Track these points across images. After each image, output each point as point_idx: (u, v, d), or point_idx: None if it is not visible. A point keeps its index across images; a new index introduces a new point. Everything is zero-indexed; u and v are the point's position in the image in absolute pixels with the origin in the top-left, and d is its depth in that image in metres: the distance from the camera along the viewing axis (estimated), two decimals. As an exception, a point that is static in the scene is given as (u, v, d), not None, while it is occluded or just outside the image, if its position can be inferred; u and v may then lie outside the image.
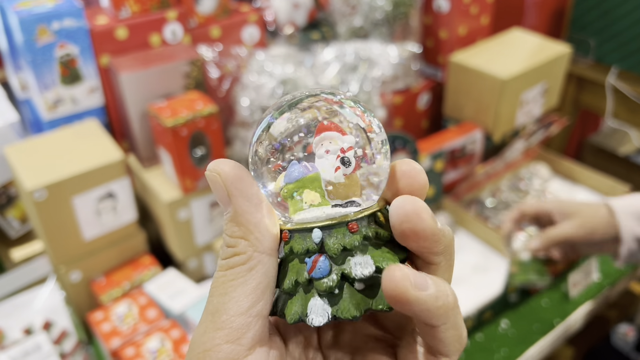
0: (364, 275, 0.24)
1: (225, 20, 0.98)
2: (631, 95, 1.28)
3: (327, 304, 0.24)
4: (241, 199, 0.24)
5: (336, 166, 0.24)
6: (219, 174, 0.24)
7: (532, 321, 0.94)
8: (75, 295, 0.88)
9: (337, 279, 0.24)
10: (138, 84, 0.86)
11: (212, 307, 0.24)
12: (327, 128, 0.25)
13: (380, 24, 1.09)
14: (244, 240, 0.24)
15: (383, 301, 0.24)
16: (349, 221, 0.24)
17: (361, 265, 0.24)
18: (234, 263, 0.24)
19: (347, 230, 0.24)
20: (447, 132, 1.08)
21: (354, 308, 0.24)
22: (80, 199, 0.81)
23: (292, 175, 0.25)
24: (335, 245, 0.24)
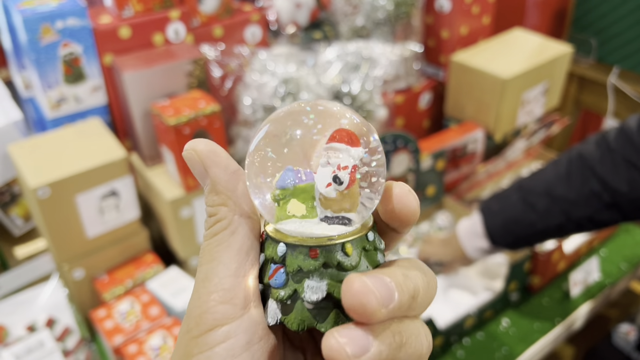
0: (311, 300, 0.25)
1: (228, 19, 0.99)
2: (632, 95, 1.28)
3: (278, 309, 0.25)
4: (216, 168, 0.26)
5: (328, 182, 0.24)
6: (195, 150, 0.26)
7: (533, 320, 0.94)
8: (78, 293, 0.88)
9: (289, 293, 0.25)
10: (141, 82, 0.86)
11: (203, 274, 0.25)
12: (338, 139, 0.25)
13: (382, 24, 1.10)
14: (224, 207, 0.26)
15: (328, 326, 0.25)
16: (310, 247, 0.25)
17: (312, 290, 0.25)
18: (216, 230, 0.26)
19: (307, 255, 0.25)
20: (449, 132, 1.08)
21: (297, 323, 0.25)
22: (84, 197, 0.81)
23: (284, 182, 0.25)
24: (292, 264, 0.25)
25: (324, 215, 0.25)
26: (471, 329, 0.92)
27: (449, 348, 0.90)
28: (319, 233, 0.25)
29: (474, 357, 0.88)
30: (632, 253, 1.08)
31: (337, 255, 0.25)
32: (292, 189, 0.25)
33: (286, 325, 0.25)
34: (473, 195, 1.12)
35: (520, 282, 0.96)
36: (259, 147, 0.26)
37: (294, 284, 0.25)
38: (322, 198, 0.25)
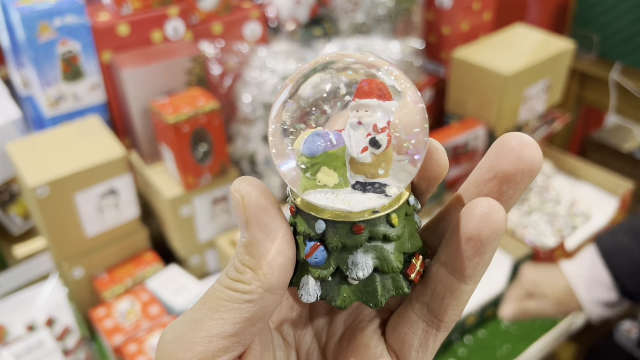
0: (358, 277, 0.23)
1: (227, 16, 0.98)
2: (635, 91, 1.28)
3: (317, 286, 0.24)
4: (259, 230, 0.23)
5: (364, 146, 0.22)
6: (243, 197, 0.23)
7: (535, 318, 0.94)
8: (78, 292, 0.88)
9: (332, 271, 0.23)
10: (140, 80, 0.86)
11: (198, 315, 0.23)
12: (367, 93, 0.22)
13: (382, 20, 1.09)
14: (252, 272, 0.23)
15: (375, 299, 0.23)
16: (354, 222, 0.23)
17: (358, 267, 0.23)
18: (235, 288, 0.23)
19: (351, 230, 0.23)
20: (450, 128, 1.07)
21: (341, 300, 0.23)
22: (83, 195, 0.81)
23: (312, 148, 0.22)
24: (335, 241, 0.23)
25: (355, 181, 0.23)
26: (473, 327, 0.92)
27: (451, 346, 0.89)
28: (359, 207, 0.23)
29: (476, 355, 0.88)
30: (634, 250, 1.07)
31: (382, 228, 0.23)
32: (322, 156, 0.22)
33: (328, 302, 0.24)
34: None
35: (522, 280, 0.95)
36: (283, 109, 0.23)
37: (337, 261, 0.23)
38: (355, 163, 0.23)
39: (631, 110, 1.33)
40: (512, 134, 0.23)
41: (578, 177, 1.19)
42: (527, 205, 1.08)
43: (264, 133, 0.91)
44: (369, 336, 0.26)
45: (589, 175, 1.17)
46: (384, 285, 0.24)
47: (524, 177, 0.23)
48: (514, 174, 0.22)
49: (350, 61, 0.23)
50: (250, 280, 0.23)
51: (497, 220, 0.22)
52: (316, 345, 0.28)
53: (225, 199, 0.91)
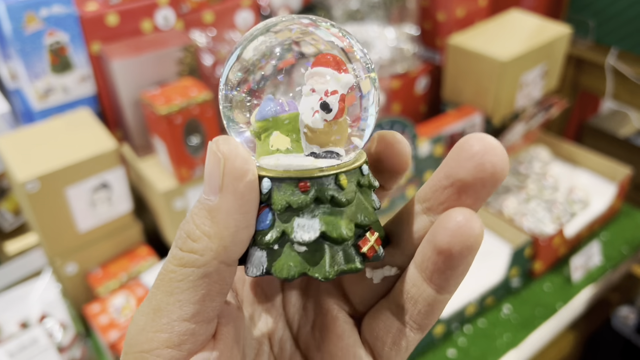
0: (303, 240, 0.22)
1: (218, 4, 0.96)
2: (631, 76, 1.27)
3: (265, 257, 0.22)
4: (234, 199, 0.21)
5: (315, 110, 0.22)
6: (226, 159, 0.20)
7: (535, 306, 0.93)
8: (72, 288, 0.86)
9: (277, 235, 0.22)
10: (130, 71, 0.84)
11: (155, 303, 0.22)
12: (323, 62, 0.22)
13: (376, 7, 1.07)
14: (208, 240, 0.21)
15: (322, 270, 0.22)
16: (299, 178, 0.22)
17: (304, 229, 0.22)
18: (187, 261, 0.21)
19: (296, 188, 0.22)
20: (446, 116, 1.06)
21: (286, 269, 0.22)
22: (74, 190, 0.79)
23: (263, 112, 0.22)
24: (279, 200, 0.22)
25: (310, 151, 0.22)
26: (472, 316, 0.91)
27: (450, 336, 0.88)
28: (308, 165, 0.22)
29: (476, 345, 0.87)
30: (633, 236, 1.07)
31: (330, 189, 0.22)
32: (274, 120, 0.22)
33: (274, 274, 0.22)
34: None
35: (522, 268, 0.95)
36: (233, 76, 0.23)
37: (282, 224, 0.22)
38: (308, 131, 0.22)
39: (628, 96, 1.32)
40: (474, 137, 0.21)
41: (576, 163, 1.18)
42: (525, 193, 1.07)
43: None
44: (342, 327, 0.26)
45: (586, 161, 1.16)
46: (333, 257, 0.22)
47: (485, 187, 0.21)
48: (474, 183, 0.21)
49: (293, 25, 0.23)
50: (205, 251, 0.21)
51: (470, 235, 0.20)
52: (289, 333, 0.28)
53: (220, 191, 0.89)
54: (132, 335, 0.22)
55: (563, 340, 0.99)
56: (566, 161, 1.20)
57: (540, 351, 0.93)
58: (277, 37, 0.23)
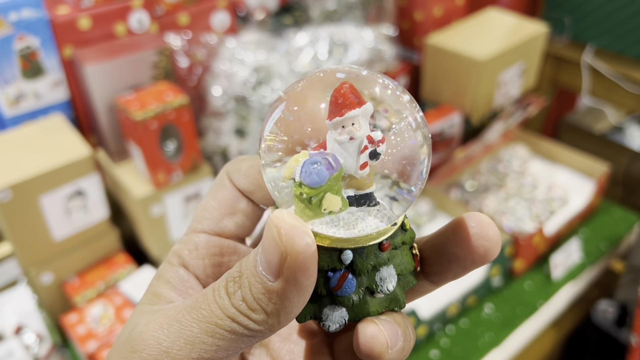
0: (389, 290, 0.23)
1: (194, 6, 0.94)
2: (607, 73, 1.28)
3: (345, 312, 0.23)
4: (293, 288, 0.20)
5: (363, 161, 0.21)
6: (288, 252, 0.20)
7: (516, 304, 0.94)
8: (48, 298, 0.84)
9: (362, 294, 0.23)
10: (104, 76, 0.82)
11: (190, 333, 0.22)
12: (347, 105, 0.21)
13: (354, 7, 1.07)
14: (265, 316, 0.21)
15: (400, 302, 0.24)
16: (382, 242, 0.23)
17: (386, 281, 0.23)
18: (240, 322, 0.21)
19: (379, 251, 0.23)
20: (425, 116, 1.05)
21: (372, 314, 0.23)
22: (48, 198, 0.77)
23: (318, 177, 0.20)
24: (365, 266, 0.23)
25: (346, 196, 0.22)
26: (455, 317, 0.91)
27: (433, 337, 0.88)
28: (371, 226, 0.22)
29: (458, 345, 0.87)
30: (611, 232, 1.08)
31: (399, 236, 0.24)
32: (326, 185, 0.21)
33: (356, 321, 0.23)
34: (452, 180, 1.11)
35: (502, 267, 0.95)
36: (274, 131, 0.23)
37: (365, 282, 0.23)
38: (350, 179, 0.22)
39: (604, 92, 1.33)
40: (474, 218, 0.23)
41: (554, 160, 1.19)
42: (505, 191, 1.07)
43: (236, 127, 0.88)
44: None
45: (565, 158, 1.17)
46: (400, 286, 0.24)
47: (474, 263, 0.23)
48: (465, 259, 0.23)
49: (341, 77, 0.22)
50: (261, 323, 0.21)
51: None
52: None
53: (198, 196, 0.88)
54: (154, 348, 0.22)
55: (545, 338, 0.99)
56: (545, 158, 1.20)
57: (522, 349, 0.93)
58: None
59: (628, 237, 1.10)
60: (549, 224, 1.01)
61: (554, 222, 1.02)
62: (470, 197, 1.07)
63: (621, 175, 1.43)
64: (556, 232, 1.01)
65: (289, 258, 0.20)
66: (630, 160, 1.44)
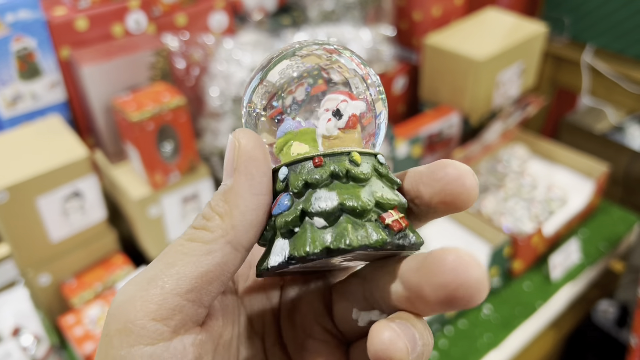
0: (320, 208, 0.21)
1: (191, 7, 0.94)
2: (607, 72, 1.27)
3: (287, 243, 0.22)
4: (244, 179, 0.22)
5: (327, 118, 0.23)
6: (240, 145, 0.22)
7: (515, 305, 0.93)
8: (45, 299, 0.84)
9: (296, 214, 0.22)
10: (101, 76, 0.82)
11: (153, 272, 0.22)
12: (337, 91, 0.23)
13: (352, 7, 1.06)
14: (220, 220, 0.22)
15: (343, 239, 0.21)
16: (313, 156, 0.22)
17: (321, 200, 0.21)
18: (196, 237, 0.22)
19: (311, 166, 0.22)
20: (424, 116, 1.06)
21: (307, 245, 0.21)
22: (45, 199, 0.77)
23: (283, 128, 0.24)
24: (296, 180, 0.22)
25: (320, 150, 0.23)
26: (453, 318, 0.91)
27: (431, 338, 0.88)
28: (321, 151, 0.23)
29: (457, 346, 0.87)
30: (611, 233, 1.07)
31: (345, 163, 0.22)
32: (292, 134, 0.23)
33: (295, 255, 0.21)
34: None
35: (501, 268, 0.95)
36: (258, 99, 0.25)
37: (300, 202, 0.22)
38: (324, 140, 0.23)
39: (604, 92, 1.33)
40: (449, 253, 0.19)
41: (553, 160, 1.19)
42: (504, 192, 1.07)
43: (233, 127, 0.88)
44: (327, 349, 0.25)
45: (564, 158, 1.17)
46: (355, 229, 0.21)
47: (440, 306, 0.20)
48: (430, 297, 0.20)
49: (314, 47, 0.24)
50: (215, 228, 0.22)
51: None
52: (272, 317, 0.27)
53: (196, 197, 0.88)
54: (118, 304, 0.22)
55: (544, 339, 0.99)
56: (544, 159, 1.20)
57: (521, 350, 0.93)
58: (303, 62, 0.24)
59: (628, 238, 1.10)
60: (548, 224, 1.01)
61: (553, 223, 1.02)
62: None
63: (621, 175, 1.43)
64: (555, 233, 1.01)
65: (241, 147, 0.22)
66: (631, 160, 1.44)
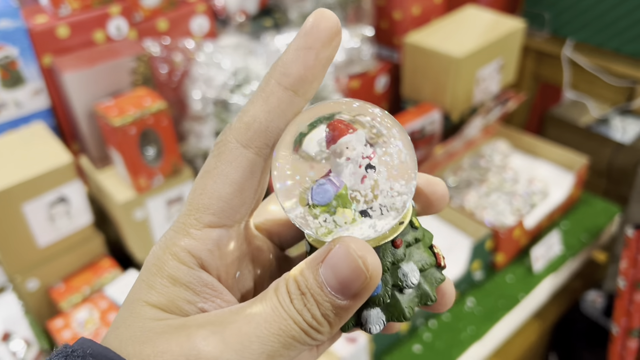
0: (413, 283, 0.25)
1: (172, 12, 0.96)
2: (587, 66, 1.29)
3: (380, 312, 0.25)
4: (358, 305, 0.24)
5: (362, 175, 0.24)
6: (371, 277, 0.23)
7: (498, 298, 0.95)
8: (34, 304, 0.86)
9: (390, 291, 0.25)
10: (83, 83, 0.83)
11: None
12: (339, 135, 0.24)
13: (332, 8, 1.08)
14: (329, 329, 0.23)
15: (429, 296, 0.26)
16: (394, 239, 0.25)
17: (408, 276, 0.25)
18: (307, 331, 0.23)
19: (392, 247, 0.25)
20: (406, 114, 1.07)
21: (408, 310, 0.25)
22: (31, 205, 0.78)
23: (325, 196, 0.24)
24: (384, 263, 0.25)
25: (359, 209, 0.24)
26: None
27: (416, 331, 0.90)
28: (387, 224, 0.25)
29: (441, 339, 0.89)
30: (592, 224, 1.09)
31: (411, 233, 0.26)
32: (335, 200, 0.24)
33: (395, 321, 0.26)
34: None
35: (483, 261, 0.96)
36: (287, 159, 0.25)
37: (390, 280, 0.25)
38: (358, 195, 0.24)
39: (585, 85, 1.35)
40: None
41: (535, 154, 1.20)
42: (486, 186, 1.09)
43: (216, 129, 0.89)
44: None
45: (545, 152, 1.19)
46: (428, 281, 0.26)
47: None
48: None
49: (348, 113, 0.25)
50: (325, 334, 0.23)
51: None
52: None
53: (181, 199, 0.89)
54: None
55: (528, 330, 1.00)
56: (526, 153, 1.22)
57: (505, 341, 0.95)
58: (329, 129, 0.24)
59: (609, 228, 1.12)
60: (529, 217, 1.03)
61: (534, 215, 1.04)
62: (453, 193, 1.09)
63: (605, 167, 1.45)
64: (537, 225, 1.02)
65: (372, 282, 0.23)
66: (614, 152, 1.46)
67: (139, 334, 0.22)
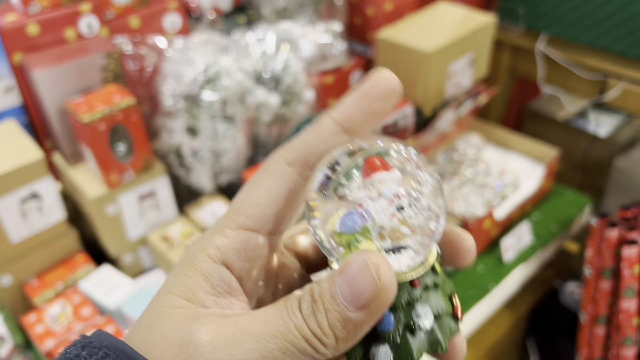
0: (425, 327, 0.25)
1: (144, 9, 0.96)
2: (561, 60, 1.31)
3: (389, 350, 0.25)
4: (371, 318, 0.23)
5: (392, 212, 0.24)
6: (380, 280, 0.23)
7: (468, 288, 0.97)
8: (8, 299, 0.86)
9: (402, 331, 0.25)
10: (53, 80, 0.84)
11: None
12: (374, 169, 0.25)
13: (305, 4, 1.09)
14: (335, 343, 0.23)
15: (440, 344, 0.26)
16: (413, 279, 0.25)
17: (422, 318, 0.25)
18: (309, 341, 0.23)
19: (411, 287, 0.25)
20: (379, 109, 1.08)
21: (417, 353, 0.25)
22: (2, 201, 0.79)
23: (352, 226, 0.25)
24: (399, 299, 0.25)
25: (385, 248, 0.25)
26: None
27: (387, 322, 0.91)
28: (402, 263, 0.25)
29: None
30: (563, 215, 1.11)
31: (431, 277, 0.26)
32: (361, 230, 0.24)
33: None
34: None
35: (454, 252, 0.98)
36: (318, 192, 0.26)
37: (403, 319, 0.25)
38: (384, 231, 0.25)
39: (560, 79, 1.37)
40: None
41: (508, 147, 1.22)
42: (459, 179, 1.10)
43: (187, 125, 0.90)
44: None
45: (517, 145, 1.20)
46: (441, 329, 0.26)
47: None
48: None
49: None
50: (330, 347, 0.23)
51: None
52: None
53: (153, 194, 0.90)
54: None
55: (500, 319, 1.02)
56: (499, 146, 1.23)
57: (476, 331, 0.96)
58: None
59: (580, 219, 1.14)
60: (500, 208, 1.04)
61: (505, 207, 1.05)
62: (426, 186, 1.10)
63: (579, 160, 1.47)
64: (507, 216, 1.04)
65: (383, 294, 0.22)
66: (588, 144, 1.48)
67: (153, 320, 0.24)
